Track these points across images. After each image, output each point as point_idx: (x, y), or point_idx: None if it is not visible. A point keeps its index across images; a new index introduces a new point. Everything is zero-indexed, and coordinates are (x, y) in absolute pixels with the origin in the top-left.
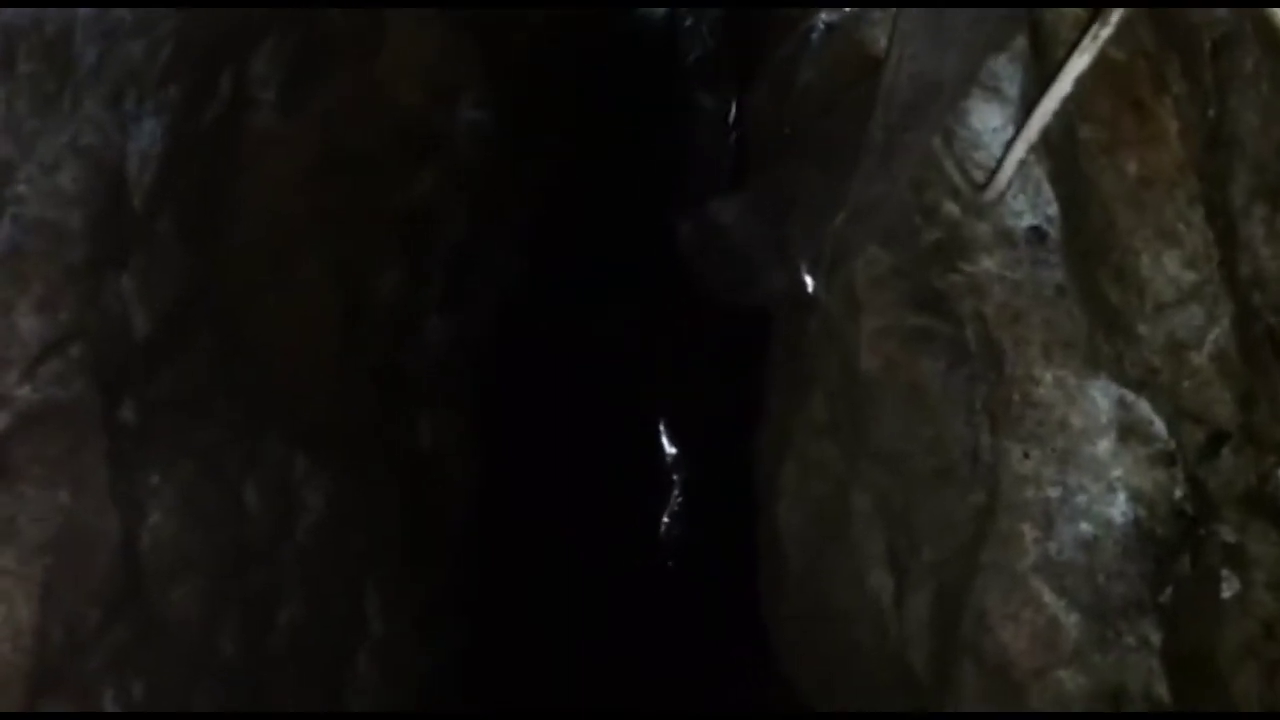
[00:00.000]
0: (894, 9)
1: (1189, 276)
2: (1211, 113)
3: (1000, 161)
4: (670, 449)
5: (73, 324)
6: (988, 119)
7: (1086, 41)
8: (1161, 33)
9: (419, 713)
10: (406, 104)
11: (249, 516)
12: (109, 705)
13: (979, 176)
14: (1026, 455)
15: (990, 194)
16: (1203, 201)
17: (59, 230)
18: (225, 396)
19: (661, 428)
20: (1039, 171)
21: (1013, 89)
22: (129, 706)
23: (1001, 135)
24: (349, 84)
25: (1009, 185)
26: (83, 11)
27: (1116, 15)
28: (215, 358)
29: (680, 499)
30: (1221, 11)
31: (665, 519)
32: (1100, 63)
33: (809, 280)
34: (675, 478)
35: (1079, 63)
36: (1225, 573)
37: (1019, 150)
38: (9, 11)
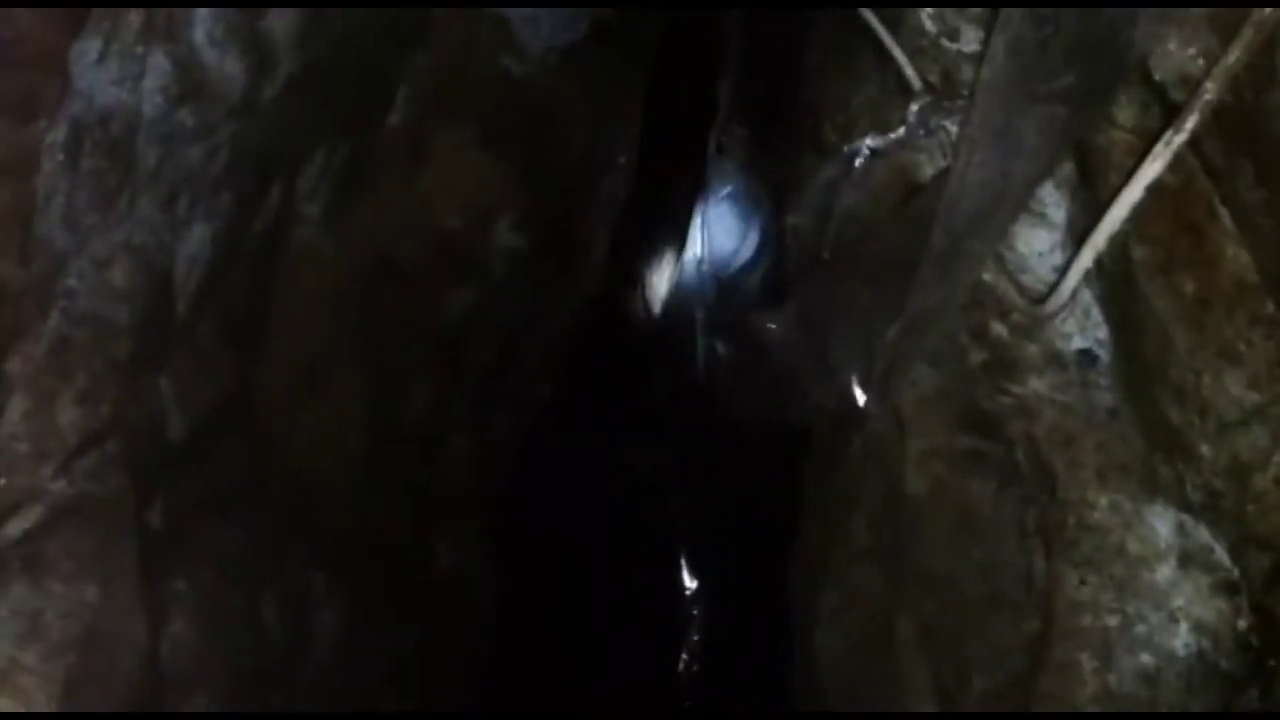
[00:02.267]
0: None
1: (1253, 397)
2: None
3: (1063, 271)
4: (692, 578)
5: (112, 419)
6: (1034, 243)
7: (1160, 147)
8: (1232, 142)
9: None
10: (446, 225)
11: (267, 633)
12: None
13: (1034, 293)
14: (1083, 581)
15: (1051, 305)
16: (1269, 318)
17: (106, 325)
18: (251, 506)
19: (684, 554)
20: (1088, 296)
21: (1059, 214)
22: None
23: (1049, 259)
24: (391, 203)
25: (1073, 295)
26: (147, 111)
27: (1193, 120)
28: (244, 466)
29: (702, 626)
30: None
31: (686, 650)
32: (1153, 188)
33: (859, 394)
34: (695, 610)
35: (1152, 169)
36: None
37: (1086, 258)
38: (77, 107)
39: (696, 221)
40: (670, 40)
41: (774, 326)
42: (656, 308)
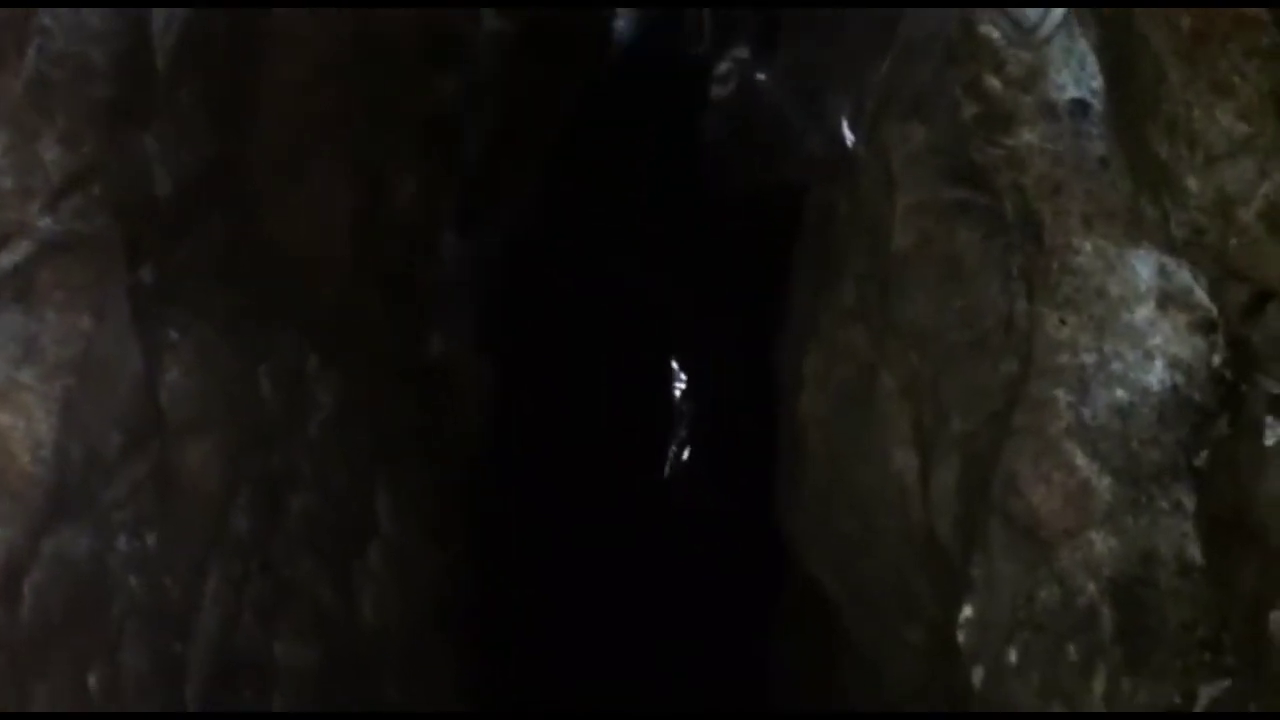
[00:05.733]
0: None
1: (1242, 128)
2: None
3: None
4: (683, 369)
5: (96, 161)
6: None
7: None
8: None
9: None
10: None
11: (262, 400)
12: (122, 547)
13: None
14: (1063, 322)
15: (1045, 29)
16: (1266, 49)
17: (84, 65)
18: (241, 278)
19: (675, 340)
20: (1083, 45)
21: None
22: (142, 556)
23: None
24: None
25: (1064, 18)
26: None
27: None
28: (231, 240)
29: (691, 417)
30: None
31: (677, 437)
32: None
33: (849, 136)
34: (687, 401)
35: None
36: (1270, 420)
37: None
38: None
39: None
40: None
41: (764, 77)
42: (650, 79)
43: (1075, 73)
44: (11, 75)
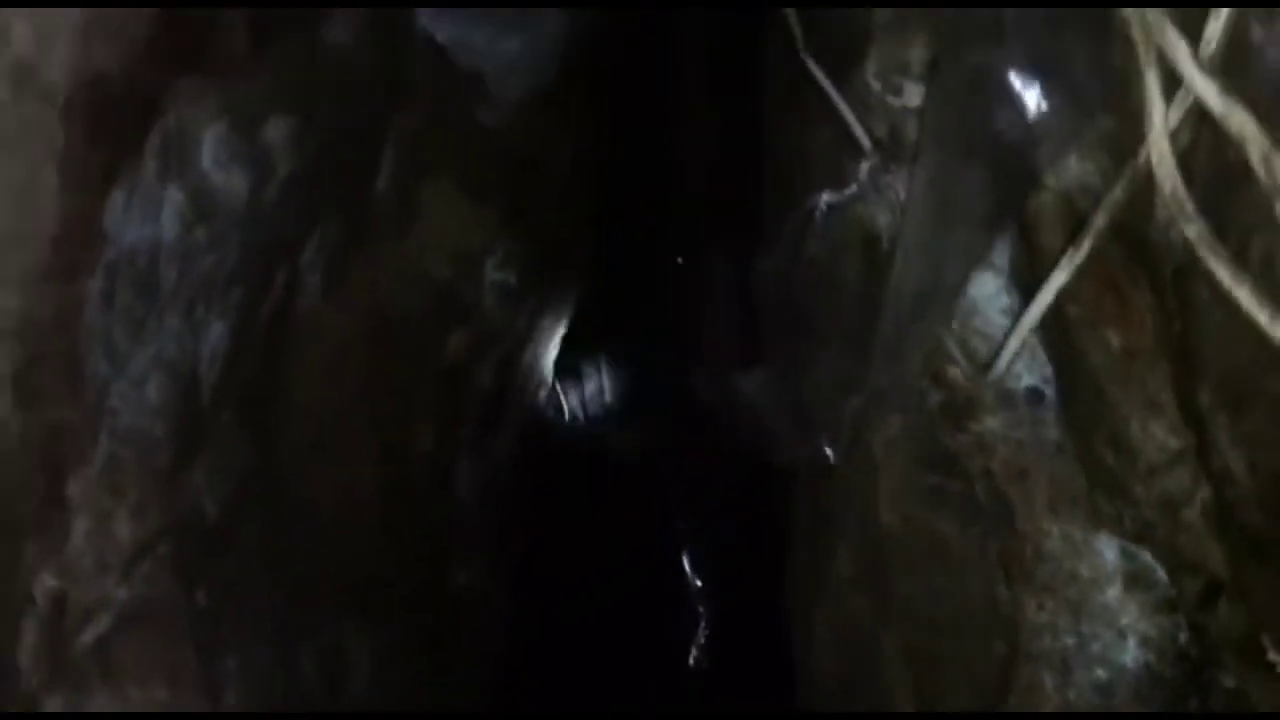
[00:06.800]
0: (895, 198)
1: (1174, 443)
2: (1177, 327)
3: (1003, 342)
4: (696, 582)
5: (161, 525)
6: (982, 287)
7: (1064, 261)
8: (1128, 251)
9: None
10: (438, 275)
11: (304, 680)
12: None
13: (980, 346)
14: (1041, 606)
15: (994, 374)
16: (1177, 392)
17: (147, 438)
18: (281, 569)
19: (686, 560)
20: (1033, 338)
21: (1002, 260)
22: None
23: (996, 302)
24: (385, 262)
25: (1012, 361)
26: (166, 239)
27: (1088, 244)
28: (270, 532)
29: (706, 632)
30: (1177, 242)
31: (693, 651)
32: (1064, 290)
33: (830, 452)
34: (701, 611)
35: (1059, 278)
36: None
37: (1021, 331)
38: (111, 250)
39: (669, 271)
40: (634, 81)
41: (750, 383)
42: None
43: (1028, 361)
44: (87, 464)
